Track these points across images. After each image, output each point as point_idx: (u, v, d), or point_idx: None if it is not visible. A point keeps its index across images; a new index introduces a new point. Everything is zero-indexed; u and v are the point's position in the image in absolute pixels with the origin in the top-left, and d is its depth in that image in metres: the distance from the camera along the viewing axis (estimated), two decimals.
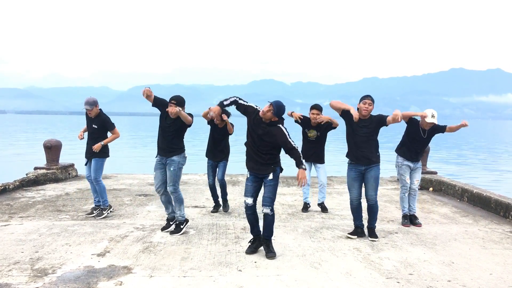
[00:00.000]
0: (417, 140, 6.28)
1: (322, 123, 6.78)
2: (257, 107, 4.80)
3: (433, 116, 6.01)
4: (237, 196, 8.28)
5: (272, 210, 4.82)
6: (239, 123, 7.69)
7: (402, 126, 6.35)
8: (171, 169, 5.56)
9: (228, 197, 7.35)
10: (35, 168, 9.98)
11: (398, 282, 4.19)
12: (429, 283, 4.19)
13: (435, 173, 10.49)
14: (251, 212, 4.90)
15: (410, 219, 6.44)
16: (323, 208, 7.18)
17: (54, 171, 9.91)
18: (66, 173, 10.36)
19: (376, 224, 5.76)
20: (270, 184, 4.78)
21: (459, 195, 8.46)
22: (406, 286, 4.11)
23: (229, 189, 8.50)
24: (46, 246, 5.12)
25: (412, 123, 6.28)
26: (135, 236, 5.61)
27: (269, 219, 4.85)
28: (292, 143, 4.66)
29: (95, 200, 6.76)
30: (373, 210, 5.67)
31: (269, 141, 4.70)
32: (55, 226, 6.01)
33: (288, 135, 4.70)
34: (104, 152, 6.62)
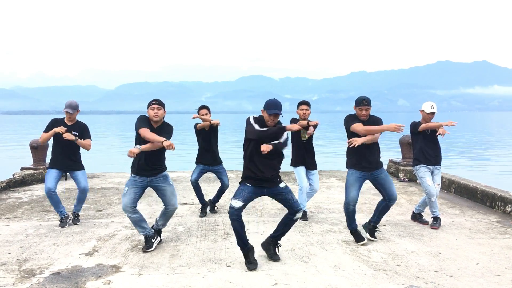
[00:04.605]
0: (427, 140, 5.90)
1: (312, 124, 6.08)
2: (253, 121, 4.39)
3: (432, 106, 5.82)
4: (225, 192, 8.24)
5: None
6: (229, 119, 7.63)
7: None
8: (171, 183, 5.09)
9: None
10: (22, 169, 9.87)
11: (386, 274, 4.23)
12: (417, 274, 4.24)
13: None
14: (237, 217, 4.25)
15: (416, 216, 6.20)
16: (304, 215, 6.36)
17: (41, 171, 9.80)
18: None
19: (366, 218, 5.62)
20: (289, 190, 4.51)
21: (446, 186, 8.54)
22: (394, 277, 4.15)
23: (218, 184, 8.44)
24: (33, 246, 5.08)
25: (415, 128, 5.94)
26: (124, 234, 5.59)
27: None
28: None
29: (62, 212, 5.99)
30: (388, 209, 5.31)
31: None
32: (43, 227, 5.95)
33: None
34: (82, 164, 6.19)
